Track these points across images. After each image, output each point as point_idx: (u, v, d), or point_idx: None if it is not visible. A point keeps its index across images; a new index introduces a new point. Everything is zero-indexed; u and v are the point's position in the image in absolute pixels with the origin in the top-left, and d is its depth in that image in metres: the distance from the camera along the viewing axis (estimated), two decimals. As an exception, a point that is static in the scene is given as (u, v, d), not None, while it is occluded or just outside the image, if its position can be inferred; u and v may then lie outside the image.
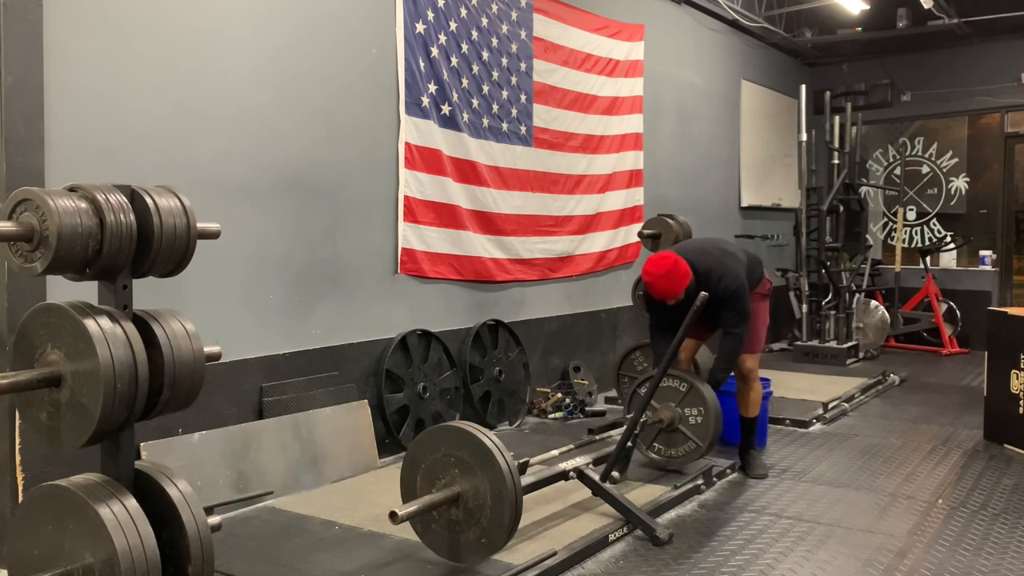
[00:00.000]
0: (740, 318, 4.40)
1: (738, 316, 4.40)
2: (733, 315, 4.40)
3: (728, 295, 4.33)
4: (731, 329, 4.41)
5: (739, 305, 4.38)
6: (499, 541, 3.09)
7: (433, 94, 5.24)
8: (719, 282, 4.32)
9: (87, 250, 2.18)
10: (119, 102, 3.66)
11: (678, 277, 4.23)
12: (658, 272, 4.23)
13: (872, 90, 9.85)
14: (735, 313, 4.39)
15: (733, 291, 4.35)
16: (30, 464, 3.34)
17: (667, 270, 4.21)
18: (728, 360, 4.48)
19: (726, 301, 4.33)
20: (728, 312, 4.39)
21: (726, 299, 4.33)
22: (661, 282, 4.23)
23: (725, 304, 4.35)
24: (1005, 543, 3.64)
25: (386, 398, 4.82)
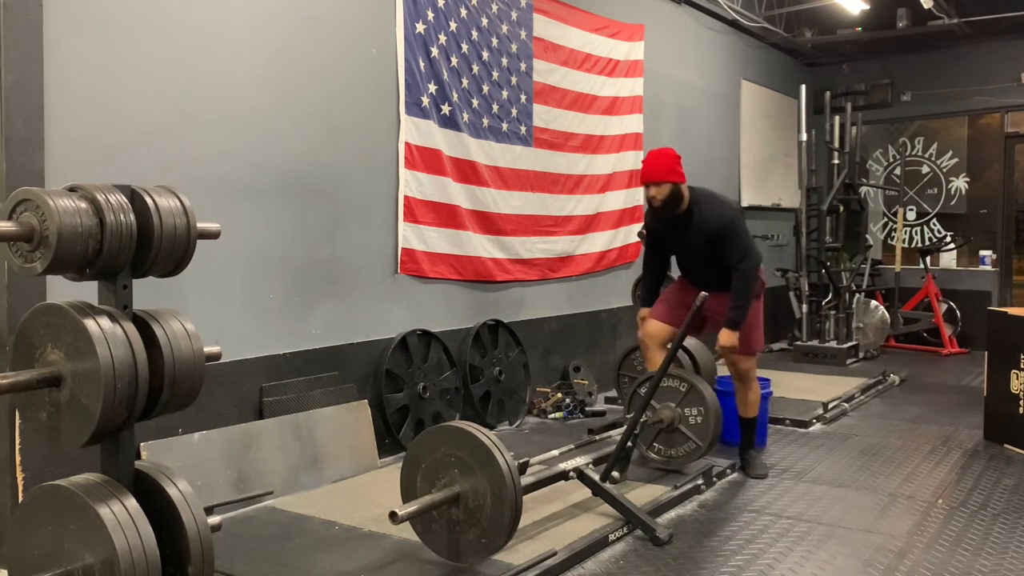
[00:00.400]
0: (744, 252, 4.33)
1: (741, 250, 4.32)
2: (735, 249, 4.32)
3: (725, 226, 4.32)
4: (738, 265, 4.32)
5: (740, 237, 4.34)
6: (499, 541, 3.09)
7: (433, 94, 5.24)
8: (713, 210, 4.34)
9: (87, 250, 2.18)
10: (119, 102, 3.66)
11: (672, 161, 4.30)
12: (655, 152, 4.34)
13: (872, 90, 9.84)
14: (737, 247, 4.32)
15: (729, 221, 4.34)
16: (30, 464, 3.34)
17: (664, 152, 4.33)
18: (742, 296, 4.35)
19: (724, 234, 4.31)
20: (729, 248, 4.33)
21: (724, 231, 4.31)
22: (655, 159, 4.30)
23: (724, 238, 4.32)
24: (1005, 543, 3.64)
25: (386, 398, 4.82)
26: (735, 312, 4.37)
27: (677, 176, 4.32)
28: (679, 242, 4.54)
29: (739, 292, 4.37)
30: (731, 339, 4.38)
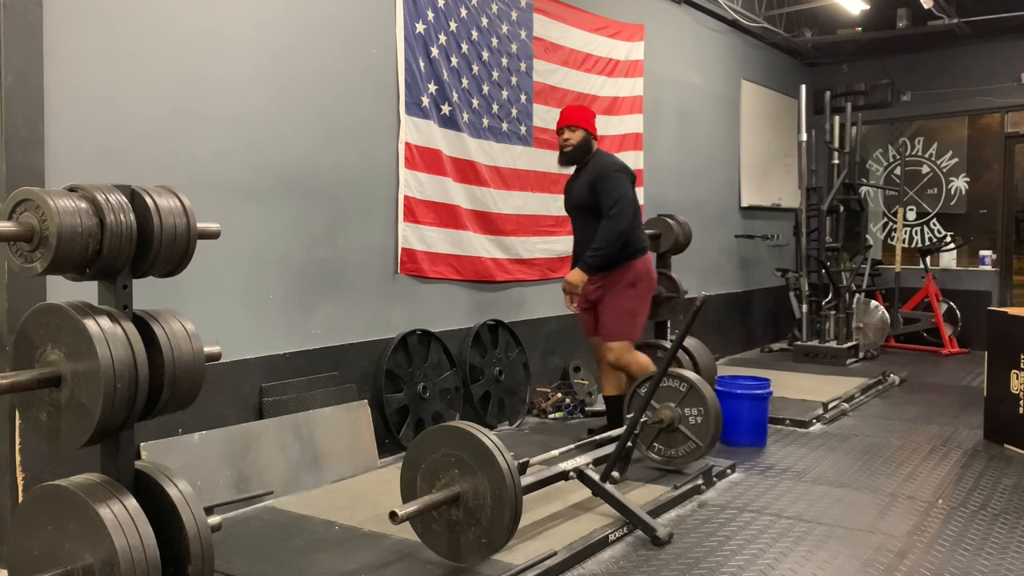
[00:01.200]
0: (617, 202, 4.47)
1: (615, 199, 4.47)
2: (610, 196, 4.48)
3: (605, 173, 4.52)
4: (608, 211, 4.48)
5: (617, 189, 4.49)
6: (499, 541, 3.09)
7: (433, 94, 5.24)
8: (603, 160, 4.63)
9: (87, 250, 2.19)
10: (119, 102, 3.66)
11: (588, 113, 4.69)
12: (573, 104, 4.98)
13: (872, 90, 9.85)
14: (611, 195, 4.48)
15: (611, 171, 4.55)
16: (30, 464, 3.34)
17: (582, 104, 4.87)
18: (603, 240, 4.49)
19: (602, 181, 4.50)
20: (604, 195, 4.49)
21: (603, 177, 4.51)
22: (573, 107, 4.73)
23: (600, 186, 4.49)
24: (1005, 543, 3.64)
25: (386, 398, 4.82)
26: (592, 254, 4.50)
27: (590, 127, 4.66)
28: (570, 198, 4.79)
29: (602, 236, 4.50)
30: (579, 278, 4.54)
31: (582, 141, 4.64)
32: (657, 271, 5.87)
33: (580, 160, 4.69)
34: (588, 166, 4.67)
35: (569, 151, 4.66)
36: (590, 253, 4.51)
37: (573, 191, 4.76)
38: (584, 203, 4.63)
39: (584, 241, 4.67)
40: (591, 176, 4.59)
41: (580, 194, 4.65)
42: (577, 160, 4.70)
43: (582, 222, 4.72)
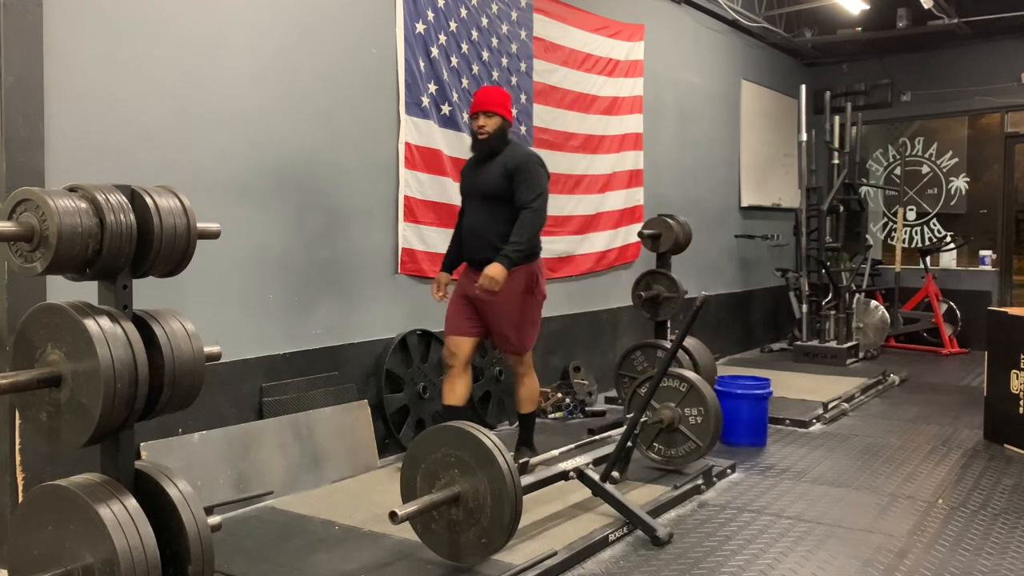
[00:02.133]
0: (538, 195, 4.25)
1: (536, 191, 4.25)
2: (531, 187, 4.24)
3: (526, 163, 4.27)
4: (530, 203, 4.23)
5: (538, 181, 4.28)
6: (499, 541, 3.09)
7: (433, 94, 5.24)
8: (520, 150, 4.40)
9: (87, 250, 2.18)
10: (119, 102, 3.66)
11: (506, 98, 4.40)
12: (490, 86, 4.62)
13: (872, 90, 9.85)
14: (533, 186, 4.25)
15: (533, 163, 4.31)
16: (30, 464, 3.34)
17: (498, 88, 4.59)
18: (525, 233, 4.21)
19: (522, 170, 4.25)
20: (524, 185, 4.24)
21: (523, 167, 4.26)
22: (491, 91, 4.40)
23: (520, 176, 4.24)
24: (1005, 543, 3.64)
25: (386, 398, 4.82)
26: (513, 248, 4.18)
27: (507, 113, 4.37)
28: (475, 184, 4.42)
29: (523, 228, 4.22)
30: (499, 273, 4.12)
31: (499, 128, 4.33)
32: (657, 271, 5.89)
33: (497, 149, 4.34)
34: (502, 154, 4.34)
35: (484, 139, 4.32)
36: (513, 247, 4.18)
37: (481, 177, 4.37)
38: (494, 191, 4.30)
39: (484, 229, 4.33)
40: (509, 164, 4.27)
41: (491, 181, 4.31)
42: (494, 149, 4.34)
43: (484, 210, 4.35)
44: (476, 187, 4.40)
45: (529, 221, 4.24)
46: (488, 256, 4.24)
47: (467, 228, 4.44)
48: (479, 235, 4.36)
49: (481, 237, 4.35)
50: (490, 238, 4.30)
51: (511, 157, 4.31)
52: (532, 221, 4.25)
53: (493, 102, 4.32)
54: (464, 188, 4.52)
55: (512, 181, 4.25)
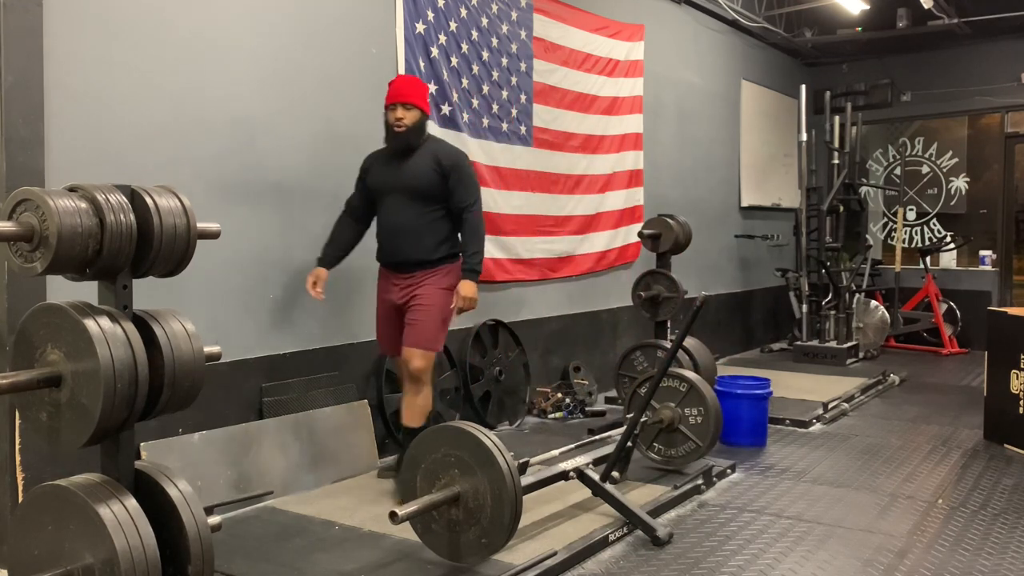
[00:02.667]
0: (474, 193, 4.09)
1: (475, 192, 4.10)
2: (469, 189, 4.08)
3: (460, 163, 4.09)
4: (472, 207, 4.06)
5: (474, 179, 4.14)
6: (499, 541, 3.09)
7: (433, 94, 5.23)
8: (447, 147, 4.19)
9: (87, 250, 2.18)
10: (119, 102, 3.66)
11: (424, 89, 4.16)
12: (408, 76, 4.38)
13: (872, 90, 9.84)
14: (471, 187, 4.09)
15: (465, 160, 4.16)
16: (30, 464, 3.34)
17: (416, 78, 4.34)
18: (479, 240, 4.09)
19: (458, 171, 4.06)
20: (462, 186, 4.05)
21: (458, 167, 4.06)
22: (409, 81, 4.15)
23: (456, 176, 4.05)
24: (1005, 543, 3.64)
25: (386, 398, 4.82)
26: (476, 260, 4.07)
27: (426, 106, 4.15)
28: (399, 180, 4.10)
29: (475, 235, 4.09)
30: (475, 291, 4.08)
31: (418, 122, 4.06)
32: (657, 271, 5.89)
33: (415, 143, 4.07)
34: (423, 148, 4.09)
35: (403, 132, 4.03)
36: (475, 258, 4.07)
37: (405, 173, 4.07)
38: (426, 188, 4.05)
39: (414, 229, 4.07)
40: (445, 161, 4.05)
41: (422, 177, 4.05)
42: (412, 143, 4.06)
43: (412, 209, 4.07)
44: (401, 183, 4.09)
45: (477, 226, 4.10)
46: (419, 259, 4.09)
47: (388, 227, 4.16)
48: (407, 235, 4.10)
49: (409, 237, 4.09)
50: (422, 239, 4.08)
51: (444, 153, 4.10)
52: (480, 225, 4.11)
53: (414, 93, 4.05)
54: (377, 183, 4.19)
55: (448, 179, 4.05)
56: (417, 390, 4.11)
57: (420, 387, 4.11)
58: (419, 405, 4.13)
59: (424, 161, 4.06)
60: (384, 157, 4.19)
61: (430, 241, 4.09)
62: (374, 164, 4.24)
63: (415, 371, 4.06)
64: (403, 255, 4.11)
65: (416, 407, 4.13)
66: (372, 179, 4.22)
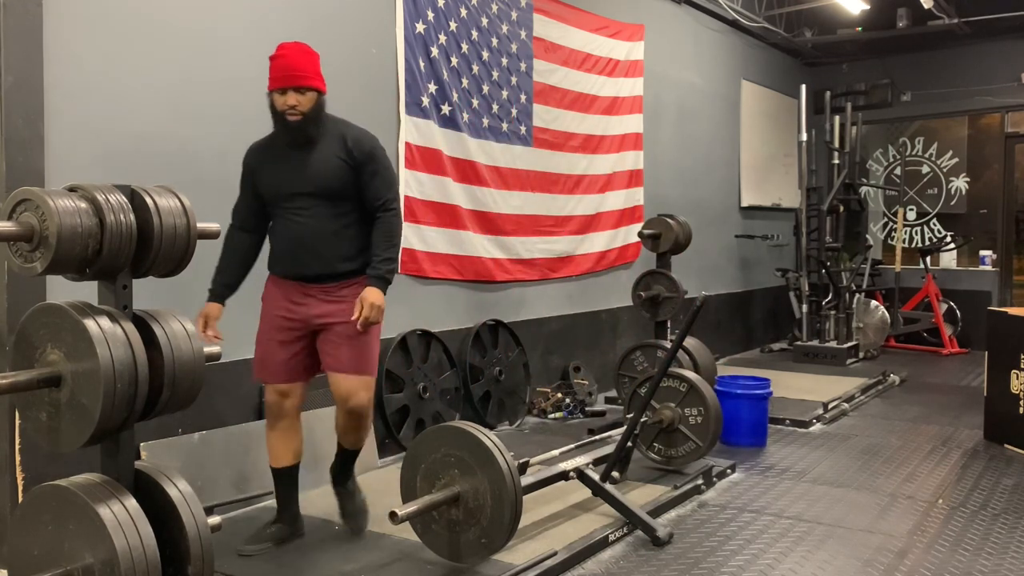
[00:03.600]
0: (392, 187, 3.38)
1: (389, 184, 3.36)
2: (386, 182, 3.34)
3: (374, 152, 3.33)
4: (390, 203, 3.33)
5: (389, 166, 3.40)
6: (499, 541, 3.09)
7: (433, 94, 5.24)
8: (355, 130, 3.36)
9: (87, 250, 2.18)
10: (119, 102, 3.66)
11: (317, 61, 3.27)
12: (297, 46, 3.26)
13: (872, 90, 9.85)
14: (388, 179, 3.36)
15: (380, 147, 3.39)
16: (30, 464, 3.33)
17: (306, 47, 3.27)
18: (394, 243, 3.34)
19: (373, 160, 3.31)
20: (378, 179, 3.31)
21: (373, 157, 3.31)
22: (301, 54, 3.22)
23: (371, 166, 3.30)
24: (1005, 543, 3.64)
25: (386, 398, 4.82)
26: (387, 266, 3.29)
27: (322, 84, 3.27)
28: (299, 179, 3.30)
29: (391, 237, 3.33)
30: (382, 300, 3.26)
31: (316, 105, 3.25)
32: (657, 271, 5.89)
33: (315, 134, 3.29)
34: (326, 136, 3.31)
35: (299, 122, 3.23)
36: (386, 264, 3.29)
37: (307, 170, 3.28)
38: (337, 186, 3.29)
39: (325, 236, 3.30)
40: (356, 151, 3.30)
41: (330, 174, 3.28)
42: (312, 135, 3.28)
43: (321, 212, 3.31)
44: (303, 183, 3.28)
45: (393, 227, 3.35)
46: (336, 271, 3.33)
47: (292, 237, 3.34)
48: (319, 245, 3.30)
49: (322, 247, 3.31)
50: (339, 247, 3.33)
51: (354, 140, 3.32)
52: (397, 225, 3.38)
53: (307, 71, 3.21)
54: (271, 185, 3.36)
55: (361, 172, 3.30)
56: (359, 425, 3.44)
57: (364, 421, 3.45)
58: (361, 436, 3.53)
59: (330, 153, 3.28)
60: (275, 150, 3.35)
61: (349, 248, 3.34)
62: (263, 161, 3.38)
63: (360, 407, 3.34)
64: (316, 268, 3.31)
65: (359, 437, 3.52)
66: (264, 181, 3.37)
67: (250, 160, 3.44)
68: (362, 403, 3.35)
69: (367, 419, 3.45)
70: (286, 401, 3.43)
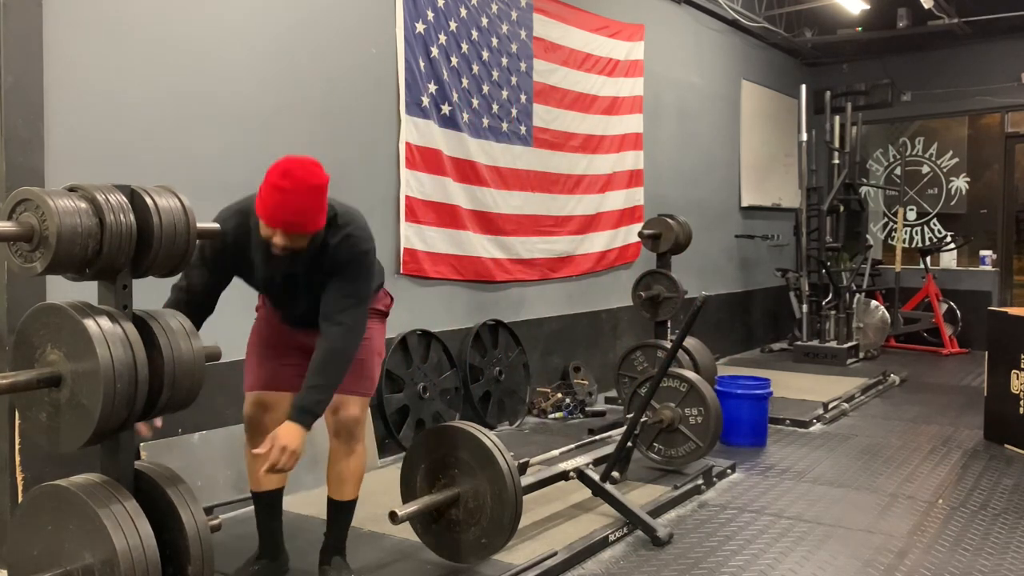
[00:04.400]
0: (358, 301, 2.85)
1: (356, 296, 2.84)
2: (349, 289, 2.83)
3: (354, 252, 2.85)
4: (340, 315, 2.80)
5: (363, 273, 2.87)
6: (499, 541, 3.09)
7: (433, 94, 5.24)
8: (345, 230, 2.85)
9: (87, 250, 2.18)
10: (119, 102, 3.66)
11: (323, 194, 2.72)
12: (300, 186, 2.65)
13: (872, 90, 9.85)
14: (353, 286, 2.84)
15: (363, 251, 2.88)
16: (30, 464, 3.33)
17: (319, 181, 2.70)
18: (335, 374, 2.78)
19: (348, 263, 2.84)
20: (344, 282, 2.83)
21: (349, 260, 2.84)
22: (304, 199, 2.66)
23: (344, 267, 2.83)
24: (1005, 543, 3.64)
25: (386, 398, 4.82)
26: (318, 395, 2.75)
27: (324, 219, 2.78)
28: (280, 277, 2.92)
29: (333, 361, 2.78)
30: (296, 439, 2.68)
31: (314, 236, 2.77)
32: (657, 271, 5.89)
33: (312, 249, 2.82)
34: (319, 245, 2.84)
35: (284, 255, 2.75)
36: (320, 395, 2.75)
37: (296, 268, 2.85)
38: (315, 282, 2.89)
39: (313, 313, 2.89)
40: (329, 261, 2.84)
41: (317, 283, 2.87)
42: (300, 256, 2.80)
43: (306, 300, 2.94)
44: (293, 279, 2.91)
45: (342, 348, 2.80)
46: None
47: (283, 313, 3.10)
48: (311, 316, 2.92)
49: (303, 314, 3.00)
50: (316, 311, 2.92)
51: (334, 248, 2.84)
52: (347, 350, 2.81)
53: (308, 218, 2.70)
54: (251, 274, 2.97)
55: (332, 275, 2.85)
56: (349, 449, 3.06)
57: (353, 444, 3.06)
58: (352, 470, 3.09)
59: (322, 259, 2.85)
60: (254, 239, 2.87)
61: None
62: (242, 246, 2.87)
63: (349, 421, 3.02)
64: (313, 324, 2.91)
65: (350, 472, 3.09)
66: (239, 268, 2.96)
67: (225, 235, 2.82)
68: (352, 415, 3.01)
69: (358, 441, 3.07)
70: (266, 416, 3.03)
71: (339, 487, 3.11)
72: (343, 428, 3.04)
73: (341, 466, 3.09)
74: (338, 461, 3.09)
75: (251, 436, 3.07)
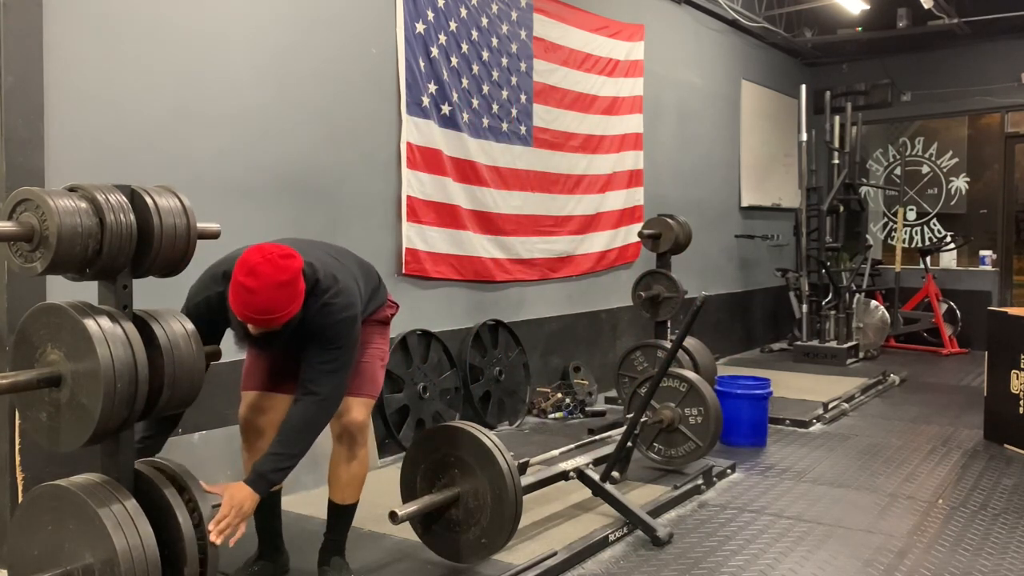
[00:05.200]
0: (335, 368, 2.77)
1: (333, 363, 2.76)
2: (326, 356, 2.76)
3: (332, 321, 2.75)
4: (315, 385, 2.74)
5: (342, 342, 2.78)
6: (499, 541, 3.09)
7: (433, 94, 5.24)
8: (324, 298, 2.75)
9: (87, 250, 2.18)
10: (119, 102, 3.66)
11: (297, 282, 2.61)
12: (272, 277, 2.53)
13: (872, 90, 9.85)
14: (331, 354, 2.76)
15: (342, 319, 2.77)
16: (30, 464, 3.33)
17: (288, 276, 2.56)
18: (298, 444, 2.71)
19: (326, 331, 2.75)
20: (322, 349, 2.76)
21: (327, 328, 2.75)
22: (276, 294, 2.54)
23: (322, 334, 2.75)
24: (1005, 543, 3.64)
25: (386, 398, 4.82)
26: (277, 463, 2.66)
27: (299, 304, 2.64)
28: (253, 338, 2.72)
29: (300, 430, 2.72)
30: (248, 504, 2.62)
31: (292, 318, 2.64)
32: (657, 271, 5.89)
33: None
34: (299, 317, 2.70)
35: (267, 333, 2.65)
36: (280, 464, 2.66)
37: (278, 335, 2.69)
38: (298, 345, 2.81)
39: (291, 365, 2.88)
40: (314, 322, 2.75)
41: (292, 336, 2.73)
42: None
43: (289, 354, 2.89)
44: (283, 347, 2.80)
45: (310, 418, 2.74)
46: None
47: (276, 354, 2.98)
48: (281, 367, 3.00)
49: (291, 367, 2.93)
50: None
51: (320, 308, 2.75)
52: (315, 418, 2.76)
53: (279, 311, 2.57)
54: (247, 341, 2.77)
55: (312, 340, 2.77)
56: (352, 454, 3.05)
57: (356, 450, 3.05)
58: (354, 474, 3.09)
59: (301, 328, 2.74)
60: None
61: None
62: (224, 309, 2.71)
63: (353, 426, 3.00)
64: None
65: (351, 476, 3.08)
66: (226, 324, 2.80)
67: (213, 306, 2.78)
68: (357, 420, 3.00)
69: (360, 446, 3.05)
70: (261, 418, 3.01)
71: (340, 491, 3.12)
72: (346, 433, 3.03)
73: (342, 470, 3.09)
74: (339, 465, 3.09)
75: (246, 438, 3.07)
